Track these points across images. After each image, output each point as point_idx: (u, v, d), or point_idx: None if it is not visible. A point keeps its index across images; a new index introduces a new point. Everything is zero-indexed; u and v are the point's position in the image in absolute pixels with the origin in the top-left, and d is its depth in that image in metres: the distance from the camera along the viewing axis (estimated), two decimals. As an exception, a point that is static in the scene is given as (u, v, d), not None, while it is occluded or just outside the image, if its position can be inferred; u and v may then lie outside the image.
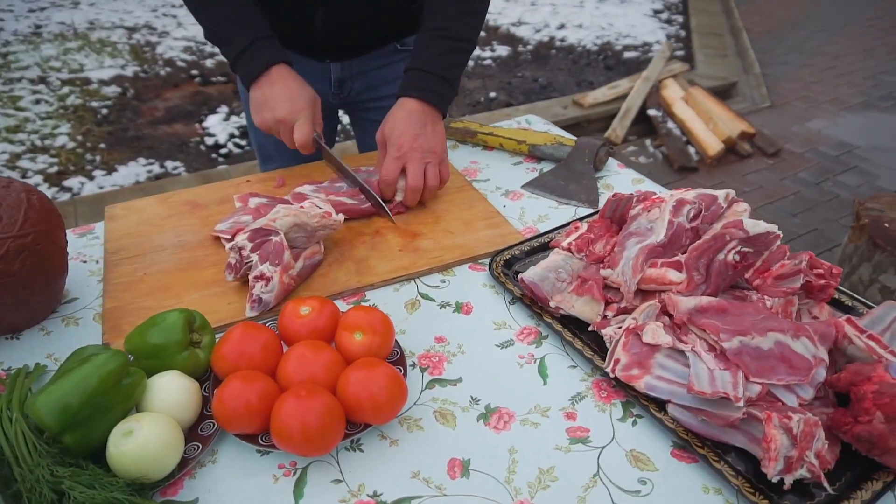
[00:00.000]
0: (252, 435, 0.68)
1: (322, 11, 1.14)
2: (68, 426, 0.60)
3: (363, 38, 1.25)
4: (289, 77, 1.05)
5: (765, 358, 0.71)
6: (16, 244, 0.76)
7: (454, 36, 1.07)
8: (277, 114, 1.03)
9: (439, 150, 1.05)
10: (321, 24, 1.16)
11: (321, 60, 1.26)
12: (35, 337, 0.83)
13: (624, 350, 0.75)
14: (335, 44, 1.23)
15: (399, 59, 1.31)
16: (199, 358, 0.74)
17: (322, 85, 1.29)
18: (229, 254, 0.88)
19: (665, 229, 0.83)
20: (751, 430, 0.67)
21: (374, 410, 0.67)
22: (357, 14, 1.17)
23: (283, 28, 1.19)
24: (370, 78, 1.31)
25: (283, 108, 1.03)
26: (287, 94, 1.04)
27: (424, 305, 0.89)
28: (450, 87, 1.08)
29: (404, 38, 1.30)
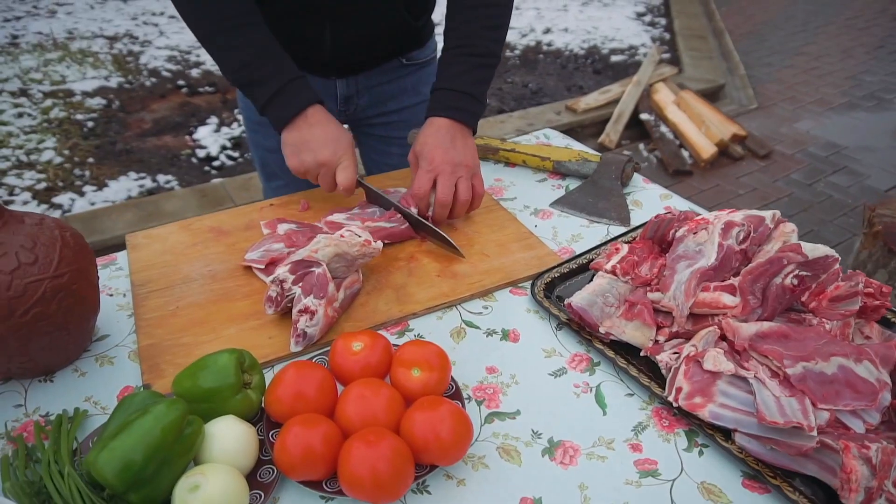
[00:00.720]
0: (315, 481, 0.65)
1: (330, 28, 1.13)
2: (133, 484, 0.57)
3: (370, 54, 1.24)
4: (326, 119, 1.03)
5: (829, 383, 0.71)
6: (52, 285, 0.73)
7: (478, 52, 1.07)
8: (320, 157, 1.00)
9: (471, 163, 1.04)
10: (330, 41, 1.15)
11: (327, 77, 1.25)
12: (69, 378, 0.80)
13: (685, 378, 0.74)
14: (342, 60, 1.22)
15: (405, 74, 1.31)
16: (252, 400, 0.71)
17: (328, 102, 1.26)
18: (269, 286, 0.85)
19: (716, 253, 0.82)
20: (823, 459, 0.66)
21: (442, 451, 0.65)
22: (365, 30, 1.16)
23: (291, 47, 1.16)
24: (376, 93, 1.30)
25: (325, 152, 1.00)
26: (329, 136, 1.01)
27: (470, 333, 0.87)
28: (478, 103, 1.07)
29: (409, 52, 1.29)
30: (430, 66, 1.35)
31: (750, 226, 0.84)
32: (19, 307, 0.70)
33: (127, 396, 0.68)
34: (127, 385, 0.79)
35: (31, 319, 0.71)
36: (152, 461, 0.58)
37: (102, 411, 0.75)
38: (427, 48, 1.33)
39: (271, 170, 1.39)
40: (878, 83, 4.64)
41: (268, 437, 0.69)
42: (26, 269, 0.71)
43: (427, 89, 1.33)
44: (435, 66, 1.36)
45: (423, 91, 1.33)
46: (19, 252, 0.71)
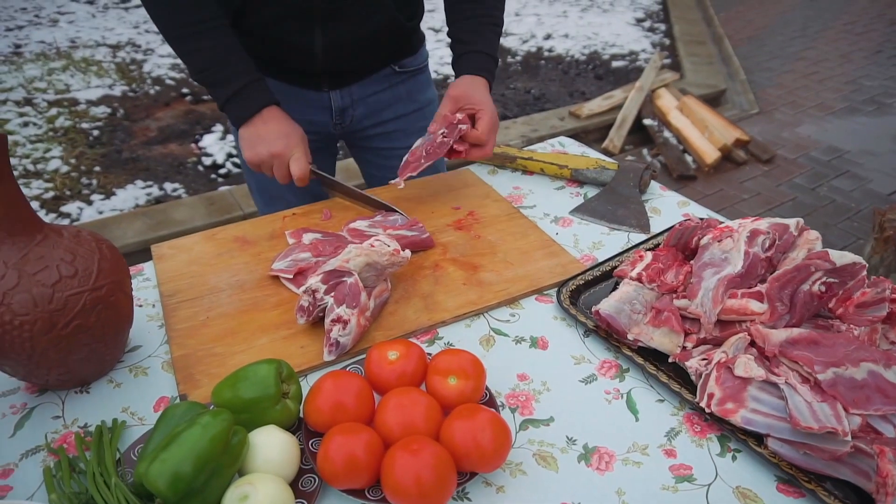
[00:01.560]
0: (358, 489, 0.66)
1: (321, 32, 1.13)
2: (185, 495, 0.58)
3: (362, 61, 1.25)
4: (281, 116, 1.09)
5: (859, 388, 0.72)
6: (92, 297, 0.74)
7: (496, 22, 1.20)
8: (273, 148, 1.06)
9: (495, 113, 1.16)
10: (321, 47, 1.15)
11: (320, 90, 1.25)
12: (105, 389, 0.81)
13: (717, 384, 0.75)
14: (334, 68, 1.22)
15: (398, 82, 1.31)
16: (291, 410, 0.72)
17: (323, 115, 1.28)
18: (301, 296, 0.86)
19: (742, 260, 0.84)
20: (857, 464, 0.67)
21: (482, 459, 0.66)
22: (356, 32, 1.16)
23: (282, 56, 1.19)
24: (371, 104, 1.30)
25: (278, 144, 1.06)
26: (281, 130, 1.07)
27: (499, 341, 0.88)
28: (497, 65, 1.20)
29: (402, 59, 1.30)
30: (422, 74, 1.36)
31: (775, 233, 0.85)
32: (61, 320, 0.71)
33: (169, 408, 0.69)
34: (162, 395, 0.80)
35: (72, 332, 0.72)
36: (202, 471, 0.59)
37: (140, 422, 0.76)
38: (419, 55, 1.34)
39: (270, 194, 1.37)
40: (878, 87, 4.67)
41: (307, 446, 0.70)
42: (67, 281, 0.72)
43: (421, 97, 1.36)
44: (428, 75, 1.39)
45: (418, 98, 1.34)
46: (60, 265, 0.72)
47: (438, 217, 1.14)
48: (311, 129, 1.25)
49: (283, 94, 1.17)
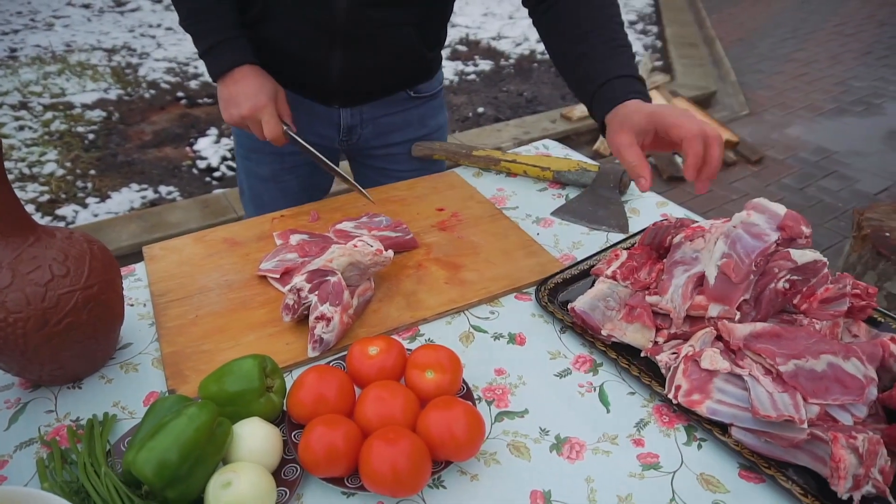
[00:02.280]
0: (338, 478, 0.69)
1: (340, 56, 1.14)
2: (170, 481, 0.61)
3: (378, 84, 1.24)
4: (250, 74, 1.08)
5: (819, 379, 0.75)
6: (83, 295, 0.77)
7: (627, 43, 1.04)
8: (242, 110, 1.07)
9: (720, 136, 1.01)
10: (337, 69, 1.15)
11: (330, 106, 1.25)
12: (97, 385, 0.84)
13: (684, 376, 0.78)
14: (348, 90, 1.22)
15: (411, 107, 1.30)
16: (275, 403, 0.75)
17: (330, 130, 1.28)
18: (286, 295, 0.89)
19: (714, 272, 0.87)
20: (814, 450, 0.70)
21: (456, 448, 0.69)
22: (376, 59, 1.16)
23: (296, 72, 1.18)
24: (380, 125, 1.30)
25: (246, 105, 1.06)
26: (249, 91, 1.07)
27: (478, 338, 0.91)
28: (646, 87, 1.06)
29: (417, 85, 1.29)
30: (436, 100, 1.34)
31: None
32: (53, 317, 0.74)
33: (157, 401, 0.72)
34: (152, 390, 0.83)
35: (64, 329, 0.75)
36: (187, 459, 0.62)
37: (130, 416, 0.79)
38: (435, 80, 1.32)
39: (261, 200, 1.37)
40: (867, 88, 4.72)
41: (290, 437, 0.73)
42: (59, 280, 0.75)
43: (432, 122, 1.32)
44: (441, 100, 1.35)
45: (429, 124, 1.33)
46: (52, 265, 0.75)
47: (423, 218, 1.17)
48: (317, 140, 1.27)
49: (292, 103, 1.18)
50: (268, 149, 1.29)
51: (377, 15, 1.08)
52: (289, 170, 1.33)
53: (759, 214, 0.87)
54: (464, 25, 6.07)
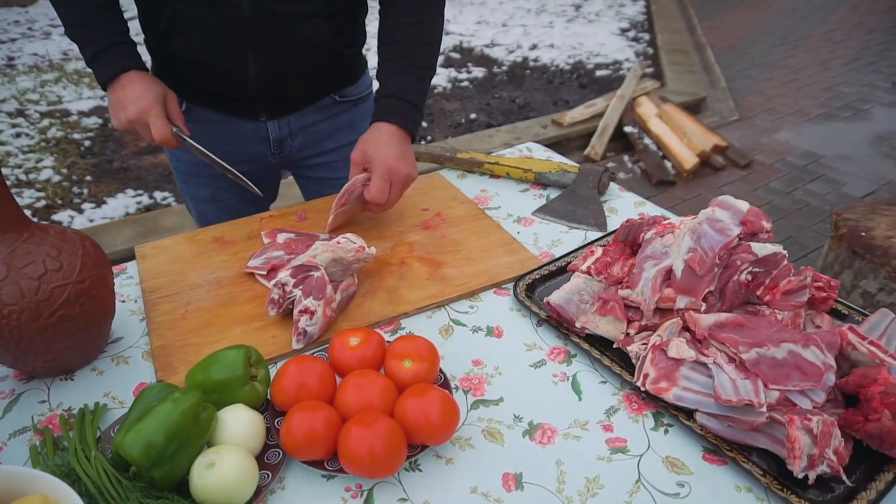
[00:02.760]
0: (318, 461, 0.72)
1: (253, 58, 1.12)
2: (156, 462, 0.64)
3: (299, 89, 1.23)
4: (137, 79, 1.07)
5: (780, 366, 0.79)
6: (75, 289, 0.80)
7: (421, 65, 1.12)
8: (129, 114, 1.06)
9: (414, 175, 1.10)
10: (254, 73, 1.14)
11: (257, 120, 1.25)
12: (88, 377, 0.87)
13: (652, 365, 0.82)
14: (270, 96, 1.21)
15: (339, 112, 1.30)
16: (259, 391, 0.78)
17: (261, 146, 1.28)
18: (272, 290, 0.92)
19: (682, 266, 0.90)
20: (773, 433, 0.74)
21: (431, 432, 0.73)
22: (290, 59, 1.15)
23: (214, 82, 1.17)
24: (310, 133, 1.30)
25: (131, 109, 1.06)
26: (134, 94, 1.06)
27: (458, 331, 0.95)
28: (419, 113, 1.13)
29: (342, 89, 1.29)
30: (365, 103, 1.34)
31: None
32: (46, 309, 0.77)
33: (145, 389, 0.75)
34: (142, 381, 0.86)
35: (57, 321, 0.78)
36: (172, 442, 0.65)
37: (120, 405, 0.82)
38: (361, 84, 1.32)
39: (207, 219, 1.39)
40: (855, 94, 4.79)
41: (273, 424, 0.77)
42: (52, 275, 0.78)
43: (364, 126, 1.26)
44: (371, 104, 1.32)
45: (360, 128, 1.28)
46: (45, 260, 0.78)
47: (407, 218, 1.21)
48: (249, 159, 1.28)
49: (219, 126, 1.20)
50: (202, 171, 1.31)
51: (282, 8, 1.07)
52: (226, 188, 1.34)
53: (724, 210, 0.90)
54: (457, 33, 6.14)
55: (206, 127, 1.23)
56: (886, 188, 3.48)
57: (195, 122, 1.21)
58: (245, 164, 1.23)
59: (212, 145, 1.16)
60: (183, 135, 1.11)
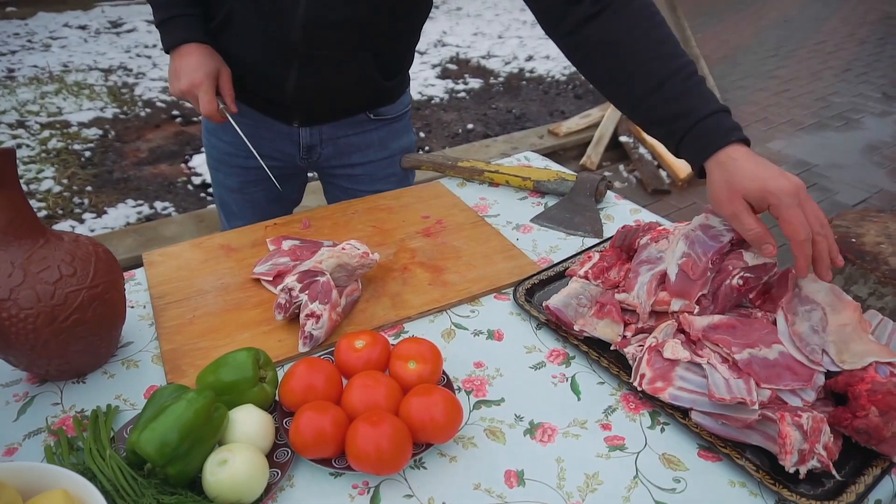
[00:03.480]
0: (326, 459, 0.75)
1: (296, 73, 1.16)
2: (171, 459, 0.66)
3: (334, 105, 1.26)
4: (196, 52, 1.13)
5: (771, 367, 0.82)
6: (89, 294, 0.82)
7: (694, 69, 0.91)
8: (182, 85, 1.13)
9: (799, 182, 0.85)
10: (293, 85, 1.18)
11: (290, 125, 1.28)
12: (99, 380, 0.89)
13: (648, 366, 0.84)
14: (305, 107, 1.25)
15: (371, 129, 1.32)
16: (267, 392, 0.80)
17: (291, 148, 1.32)
18: (278, 294, 0.95)
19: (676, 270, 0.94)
20: (765, 430, 0.76)
21: (436, 431, 0.75)
22: (331, 81, 1.19)
23: (255, 84, 1.22)
24: (340, 145, 1.33)
25: (185, 80, 1.13)
26: (190, 67, 1.12)
27: (459, 334, 0.97)
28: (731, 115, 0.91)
29: (377, 108, 1.31)
30: (400, 122, 1.35)
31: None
32: (61, 314, 0.79)
33: (157, 390, 0.78)
34: (152, 384, 0.88)
35: (71, 325, 0.81)
36: (186, 439, 0.67)
37: (132, 407, 0.84)
38: (398, 104, 1.34)
39: (230, 209, 1.44)
40: (846, 104, 4.86)
41: (282, 424, 0.79)
42: (67, 280, 0.81)
43: (395, 145, 1.34)
44: (406, 122, 1.37)
45: (390, 146, 1.35)
46: (61, 265, 0.81)
47: (409, 225, 1.24)
48: (279, 157, 1.32)
49: (254, 122, 1.24)
50: (234, 161, 1.35)
51: (333, 37, 1.10)
52: (254, 182, 1.38)
53: (716, 217, 0.93)
54: (454, 45, 6.20)
55: (243, 118, 1.26)
56: (878, 196, 3.53)
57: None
58: (275, 160, 1.27)
59: (246, 136, 1.22)
60: (227, 112, 1.17)
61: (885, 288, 1.54)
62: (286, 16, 1.07)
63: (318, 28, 1.09)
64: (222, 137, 1.35)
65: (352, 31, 1.12)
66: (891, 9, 7.97)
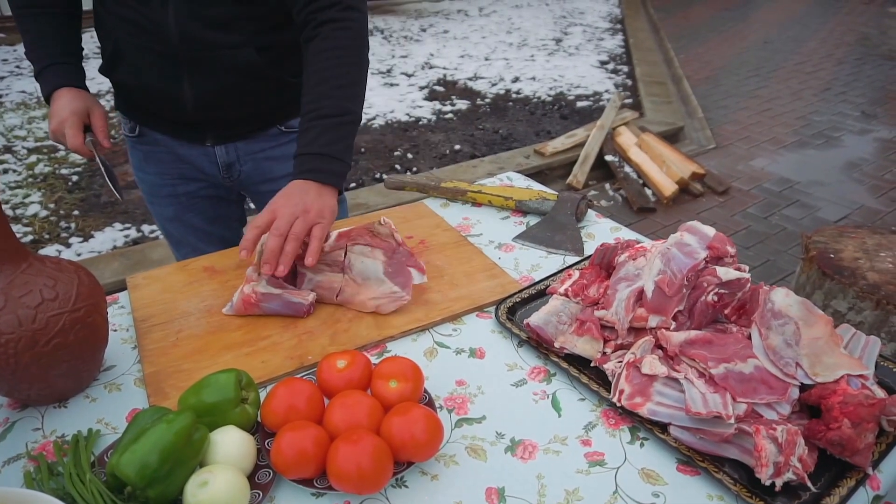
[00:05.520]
0: (307, 479, 0.75)
1: (188, 83, 1.18)
2: (151, 481, 0.66)
3: (239, 114, 1.27)
4: (65, 94, 1.20)
5: (747, 381, 0.83)
6: (71, 318, 0.83)
7: (331, 113, 1.07)
8: (50, 125, 1.19)
9: (315, 209, 1.03)
10: (190, 96, 1.19)
11: (203, 145, 1.30)
12: (81, 404, 0.89)
13: (627, 381, 0.86)
14: (211, 121, 1.26)
15: (286, 141, 1.34)
16: (249, 413, 0.81)
17: (211, 168, 1.34)
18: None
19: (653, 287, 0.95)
20: (742, 444, 0.78)
21: (416, 449, 0.76)
22: (224, 84, 1.19)
23: (159, 107, 1.25)
24: (259, 160, 1.34)
25: (53, 121, 1.19)
26: (56, 108, 1.19)
27: (441, 353, 0.98)
28: (338, 161, 1.08)
29: (288, 120, 1.32)
30: None
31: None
32: (42, 338, 0.80)
33: (139, 413, 0.78)
34: (135, 407, 0.88)
35: (52, 349, 0.81)
36: (167, 462, 0.67)
37: (113, 431, 0.84)
38: None
39: (174, 238, 1.48)
40: (826, 122, 4.96)
41: (263, 445, 0.79)
42: (49, 304, 0.81)
43: None
44: None
45: None
46: (42, 289, 0.81)
47: (393, 245, 1.25)
48: (205, 178, 1.37)
49: (170, 147, 1.29)
50: (165, 191, 1.39)
51: (209, 36, 1.13)
52: (187, 207, 1.42)
53: (691, 235, 0.96)
54: (441, 67, 6.28)
55: (158, 148, 1.33)
56: (858, 212, 3.59)
57: (148, 144, 1.33)
58: (201, 182, 1.32)
59: (167, 165, 1.33)
60: (91, 147, 1.22)
61: (863, 302, 1.56)
62: (161, 26, 1.12)
63: (191, 29, 1.12)
64: (147, 170, 1.39)
65: (225, 25, 1.14)
66: (867, 30, 8.19)
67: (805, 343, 0.86)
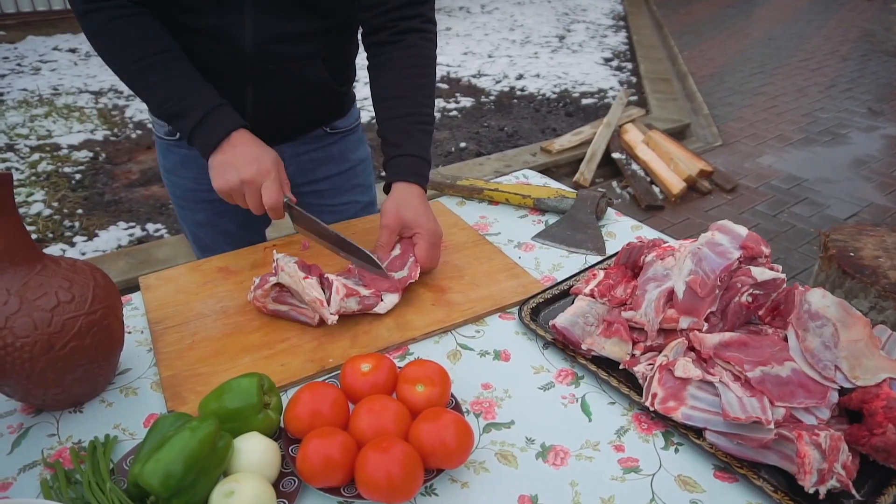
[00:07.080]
0: (334, 487, 0.72)
1: (252, 93, 1.17)
2: (176, 491, 0.64)
3: (292, 121, 1.27)
4: (250, 140, 1.05)
5: (784, 384, 0.81)
6: (87, 321, 0.80)
7: (427, 120, 1.16)
8: (243, 174, 1.01)
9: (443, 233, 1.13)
10: (251, 105, 1.18)
11: None
12: (98, 409, 0.86)
13: (659, 385, 0.83)
14: (264, 126, 1.20)
15: (330, 143, 1.34)
16: (272, 419, 0.78)
17: None
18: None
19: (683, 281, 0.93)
20: (782, 449, 0.75)
21: (447, 456, 0.73)
22: (287, 95, 1.20)
23: None
24: (302, 162, 1.33)
25: (249, 170, 1.01)
26: (251, 155, 1.02)
27: (465, 355, 0.96)
28: (429, 166, 1.17)
29: (333, 122, 1.33)
30: (353, 134, 1.39)
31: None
32: (58, 341, 0.77)
33: (158, 419, 0.75)
34: (152, 412, 0.86)
35: (69, 353, 0.78)
36: (191, 471, 0.65)
37: (131, 437, 0.82)
38: (350, 116, 1.36)
39: (203, 243, 1.43)
40: (832, 119, 4.93)
41: (287, 451, 0.77)
42: (64, 306, 0.78)
43: (353, 156, 1.36)
44: (360, 134, 1.40)
45: (350, 158, 1.37)
46: (58, 292, 0.79)
47: (410, 245, 1.22)
48: None
49: None
50: (199, 196, 1.34)
51: (284, 51, 1.12)
52: (222, 213, 1.37)
53: (723, 235, 0.93)
54: (445, 64, 6.25)
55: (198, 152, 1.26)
56: (868, 210, 3.56)
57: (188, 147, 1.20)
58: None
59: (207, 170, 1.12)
60: (291, 205, 1.06)
61: (885, 301, 1.54)
62: (236, 38, 1.08)
63: (266, 42, 1.10)
64: (183, 175, 1.34)
65: (299, 39, 1.12)
66: (871, 26, 8.15)
67: (844, 345, 0.83)
